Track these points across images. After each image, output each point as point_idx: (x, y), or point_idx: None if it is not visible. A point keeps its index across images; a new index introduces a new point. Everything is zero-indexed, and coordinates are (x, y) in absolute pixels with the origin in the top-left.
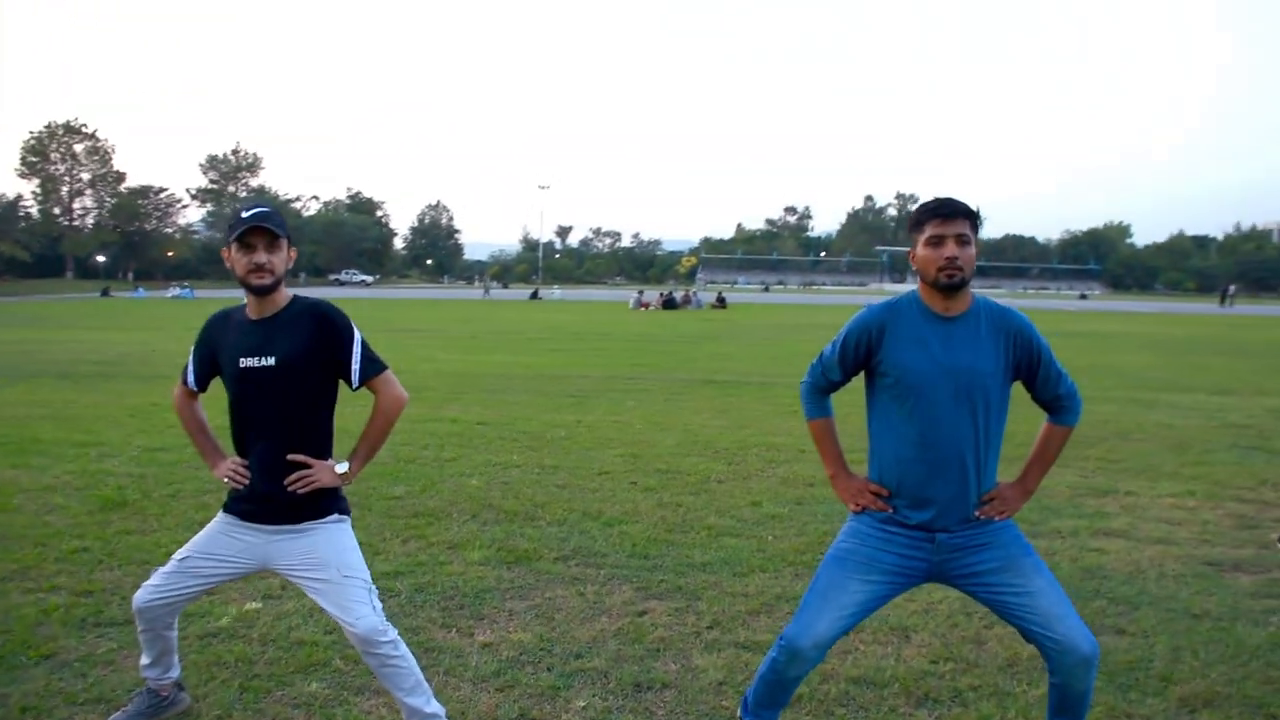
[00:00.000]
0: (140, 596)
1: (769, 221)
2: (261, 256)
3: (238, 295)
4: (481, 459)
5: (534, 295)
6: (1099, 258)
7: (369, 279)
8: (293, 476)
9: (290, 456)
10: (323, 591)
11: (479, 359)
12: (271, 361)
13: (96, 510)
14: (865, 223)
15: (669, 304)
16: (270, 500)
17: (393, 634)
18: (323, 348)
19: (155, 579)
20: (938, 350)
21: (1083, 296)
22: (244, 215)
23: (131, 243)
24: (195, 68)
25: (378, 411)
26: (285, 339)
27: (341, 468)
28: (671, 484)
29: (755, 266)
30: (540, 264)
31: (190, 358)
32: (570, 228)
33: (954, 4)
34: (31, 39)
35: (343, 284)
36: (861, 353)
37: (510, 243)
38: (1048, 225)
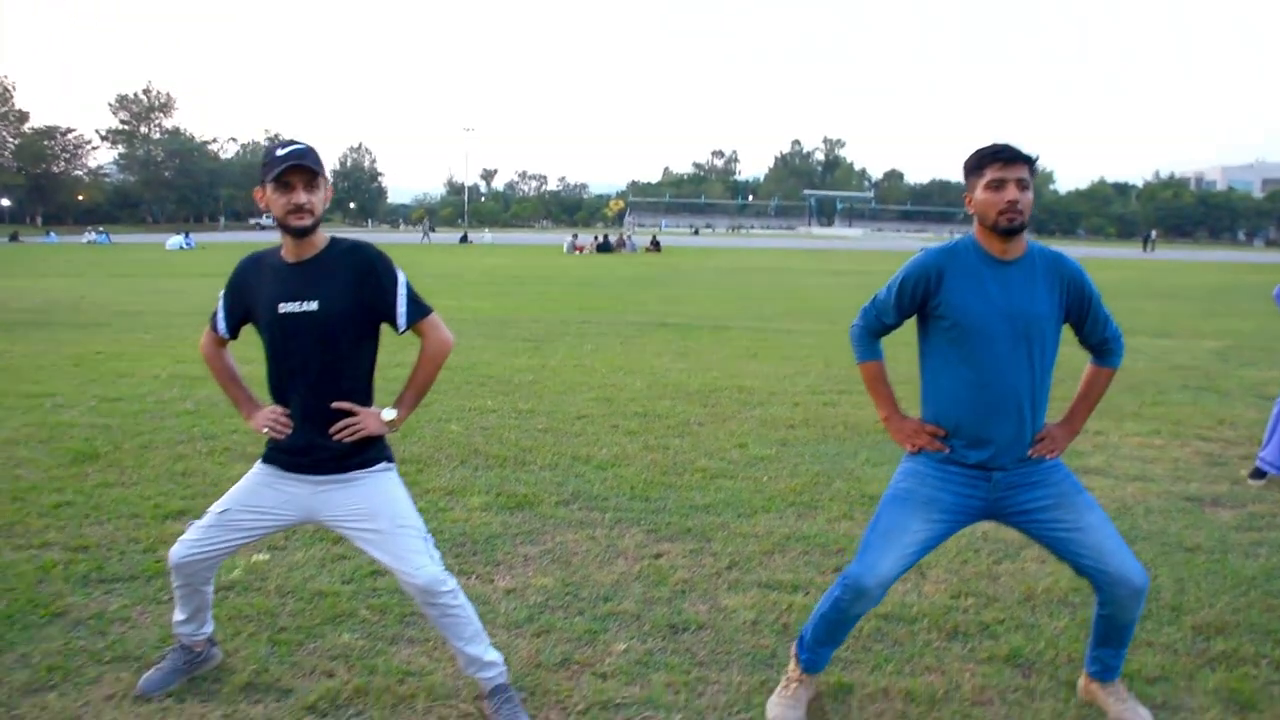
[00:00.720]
0: (177, 552)
1: (696, 165)
2: (301, 196)
3: (156, 240)
4: (454, 404)
5: (464, 239)
6: None
7: None
8: (338, 425)
9: (335, 404)
10: (376, 543)
11: None
12: (313, 306)
13: (68, 463)
14: (793, 167)
15: (604, 247)
16: (315, 450)
17: (452, 583)
18: (366, 291)
19: (192, 533)
20: (996, 294)
21: None
22: (280, 154)
23: (39, 186)
24: (102, 4)
25: (425, 356)
26: (327, 282)
27: (389, 414)
28: (652, 427)
29: (683, 210)
30: (466, 207)
31: (220, 303)
32: (495, 171)
33: None
34: None
35: (263, 228)
36: (919, 296)
37: (434, 186)
38: None
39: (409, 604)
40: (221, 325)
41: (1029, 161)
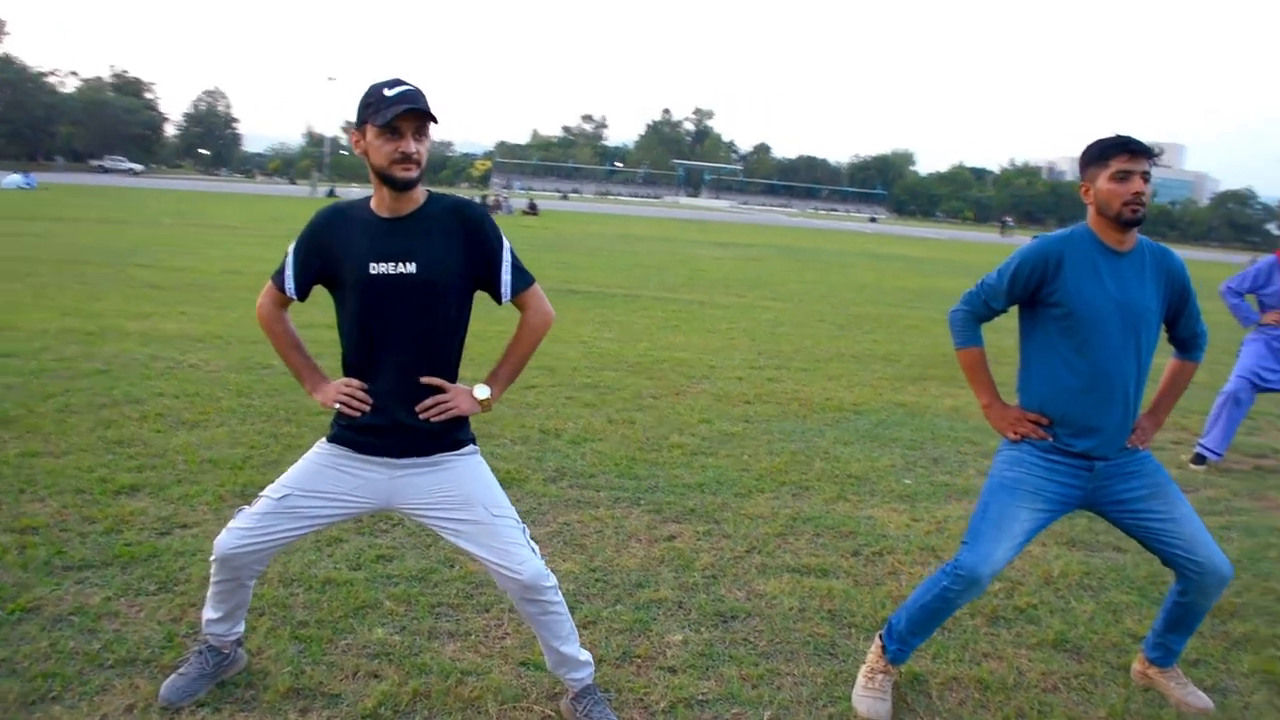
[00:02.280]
0: (226, 542)
1: (565, 129)
2: (411, 145)
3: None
4: None
5: (330, 194)
6: (885, 183)
7: (137, 168)
8: (427, 403)
9: (425, 380)
10: (470, 534)
11: None
12: (412, 269)
13: None
14: (663, 135)
15: None
16: (399, 431)
17: (554, 579)
18: (471, 255)
19: (244, 521)
20: (1111, 284)
21: (872, 220)
22: (389, 94)
23: None
24: None
25: (526, 329)
26: (427, 242)
27: (482, 392)
28: (608, 400)
29: (551, 173)
30: (327, 159)
31: (290, 260)
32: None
33: None
34: None
35: (107, 171)
36: (1034, 282)
37: (292, 136)
38: (839, 148)
39: (436, 593)
40: (290, 285)
41: (1153, 155)
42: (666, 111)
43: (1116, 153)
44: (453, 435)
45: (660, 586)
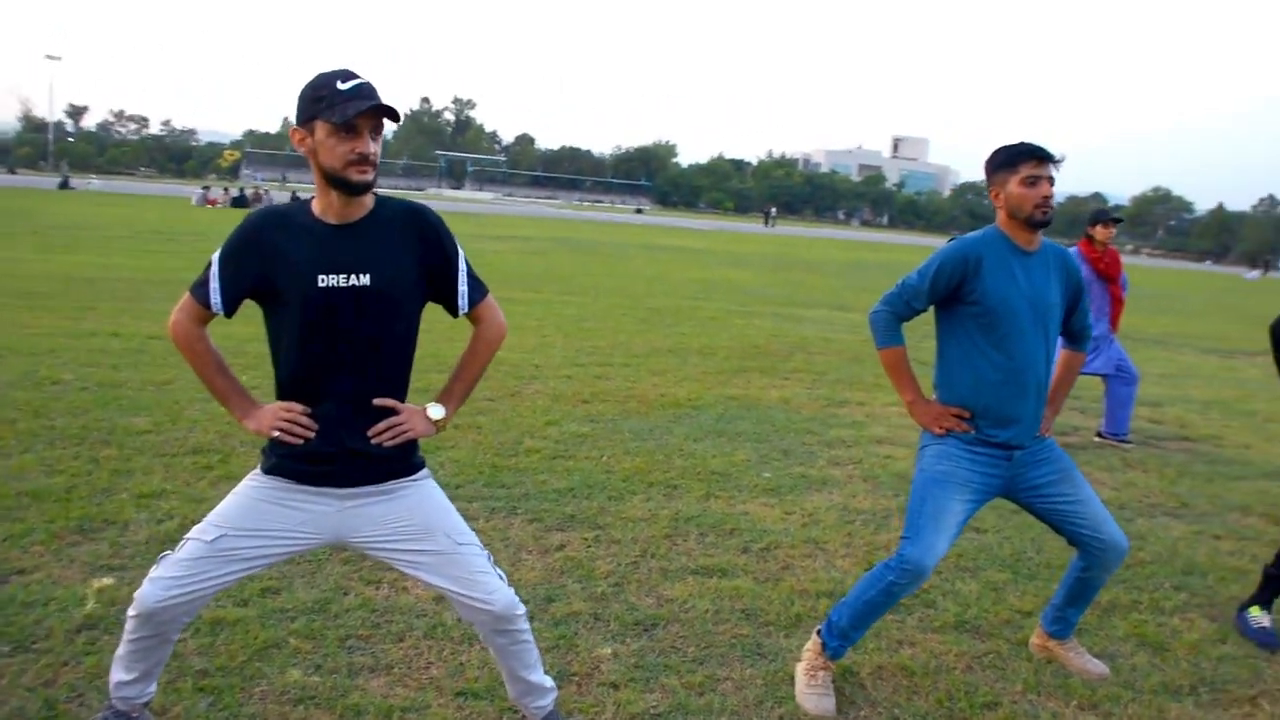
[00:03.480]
0: (150, 594)
1: None
2: (369, 145)
3: None
4: (195, 393)
5: (64, 185)
6: (649, 174)
7: None
8: (379, 426)
9: (377, 402)
10: (432, 566)
11: (70, 259)
12: (366, 280)
13: None
14: (422, 125)
15: (239, 202)
16: (347, 458)
17: (524, 607)
18: (428, 264)
19: (170, 569)
20: (1023, 282)
21: (639, 211)
22: (344, 88)
23: None
24: None
25: (482, 342)
26: (382, 251)
27: (436, 412)
28: None
29: (303, 164)
30: (51, 147)
31: (215, 270)
32: (86, 108)
33: None
34: None
35: None
36: (954, 282)
37: (4, 119)
38: (602, 140)
39: (340, 624)
40: (216, 299)
41: (1057, 161)
42: (426, 100)
43: (1025, 159)
44: (406, 459)
45: (570, 599)
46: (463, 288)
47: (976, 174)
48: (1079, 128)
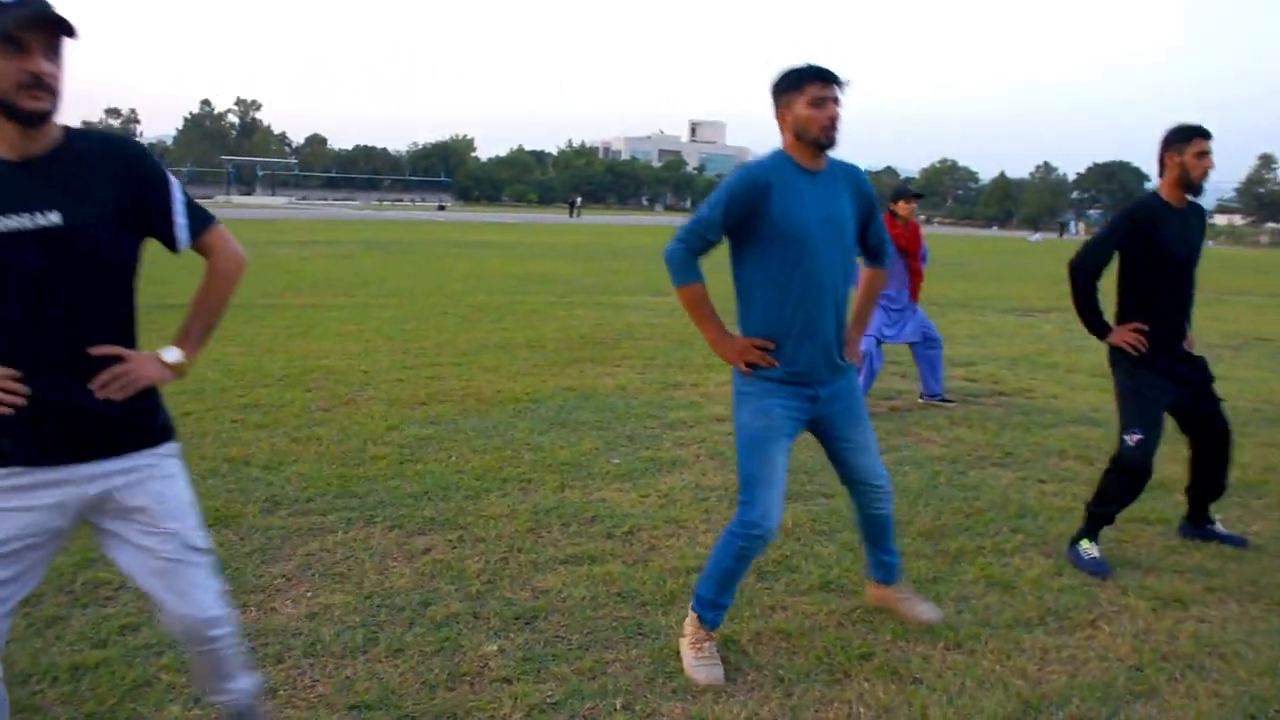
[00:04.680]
0: None
1: (86, 123)
2: (42, 63)
3: None
4: None
5: None
6: (449, 170)
7: None
8: (103, 377)
9: (95, 350)
10: (154, 569)
11: None
12: (55, 219)
13: None
14: (205, 129)
15: None
16: (72, 420)
17: (230, 624)
18: (133, 196)
19: None
20: (813, 203)
21: (441, 207)
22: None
23: None
24: None
25: (217, 275)
26: (72, 186)
27: (172, 355)
28: (279, 419)
29: None
30: None
31: None
32: None
33: None
34: None
35: None
36: (746, 209)
37: None
38: (396, 137)
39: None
40: None
41: (841, 83)
42: (206, 103)
43: (811, 81)
44: (147, 422)
45: (447, 601)
46: (180, 219)
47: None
48: (869, 105)
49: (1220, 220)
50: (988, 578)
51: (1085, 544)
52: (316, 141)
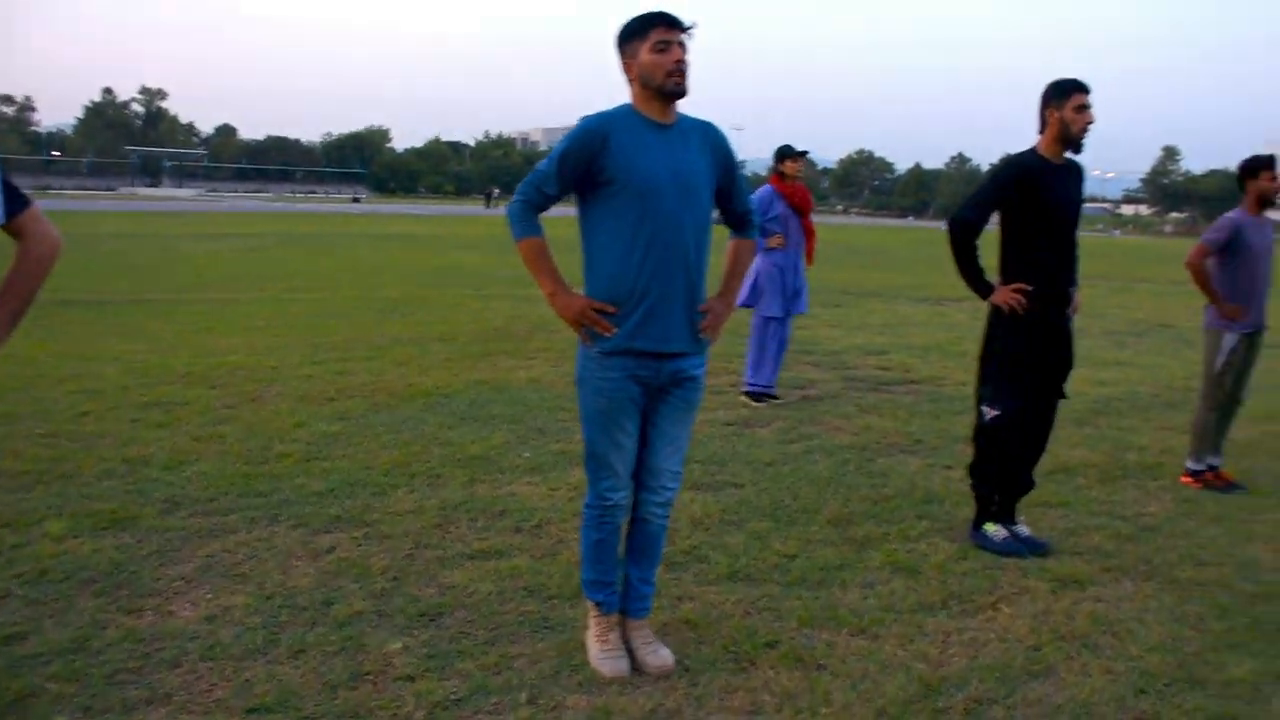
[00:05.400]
0: None
1: None
2: None
3: None
4: None
5: None
6: (364, 161)
7: None
8: None
9: None
10: None
11: None
12: None
13: None
14: (108, 119)
15: None
16: None
17: None
18: None
19: None
20: (661, 155)
21: (356, 199)
22: None
23: None
24: None
25: (29, 259)
26: None
27: None
28: (181, 417)
29: None
30: None
31: None
32: None
33: None
34: None
35: None
36: (584, 161)
37: None
38: (309, 127)
39: (104, 661)
40: None
41: (687, 28)
42: (109, 91)
43: (655, 24)
44: None
45: (351, 599)
46: None
47: None
48: (786, 98)
49: (1127, 210)
50: (893, 563)
51: (991, 527)
52: (226, 131)
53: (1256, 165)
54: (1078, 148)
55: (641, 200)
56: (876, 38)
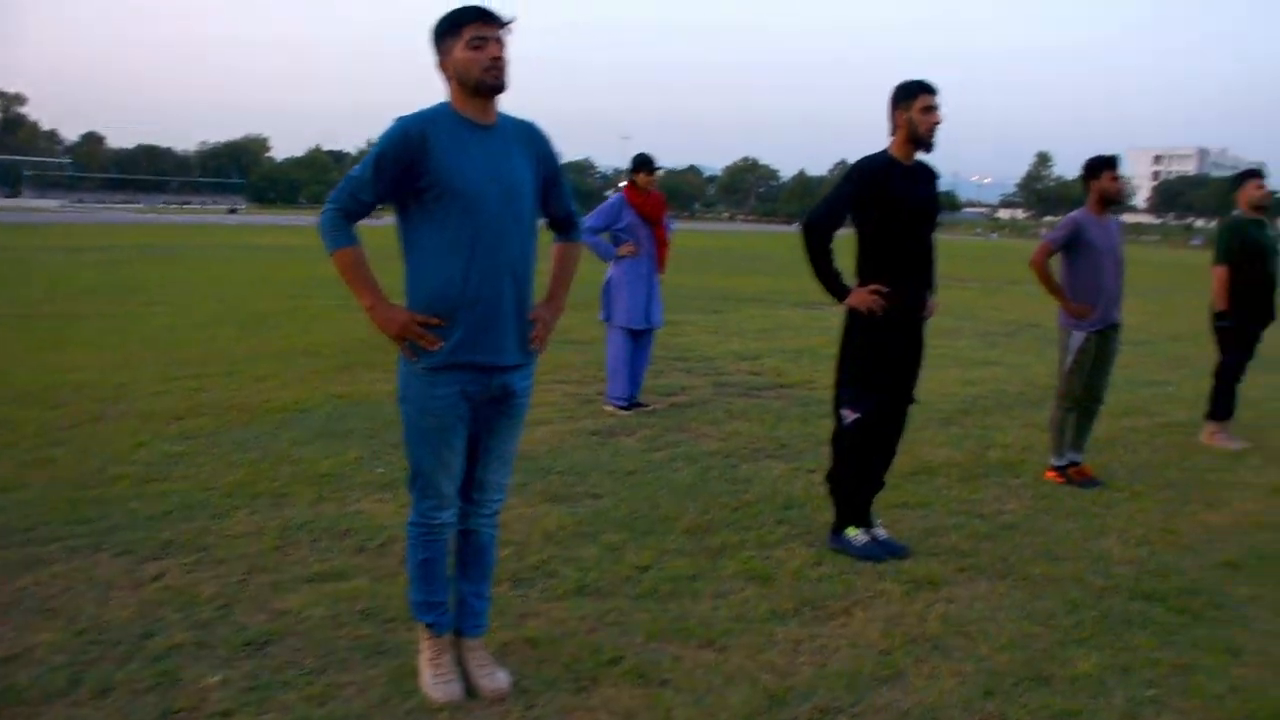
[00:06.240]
0: None
1: None
2: None
3: None
4: None
5: None
6: (242, 171)
7: None
8: None
9: None
10: None
11: None
12: None
13: None
14: None
15: None
16: None
17: None
18: None
19: None
20: (481, 158)
21: (233, 210)
22: None
23: None
24: None
25: None
26: None
27: None
28: (9, 441)
29: None
30: None
31: None
32: None
33: None
34: None
35: None
36: (402, 165)
37: None
38: (183, 136)
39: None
40: None
41: (505, 23)
42: None
43: (470, 20)
44: None
45: (171, 631)
46: None
47: (580, 154)
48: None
49: (1004, 214)
50: (748, 571)
51: (852, 531)
52: (93, 140)
53: (1098, 165)
54: (928, 148)
55: (462, 205)
56: (767, 46)
